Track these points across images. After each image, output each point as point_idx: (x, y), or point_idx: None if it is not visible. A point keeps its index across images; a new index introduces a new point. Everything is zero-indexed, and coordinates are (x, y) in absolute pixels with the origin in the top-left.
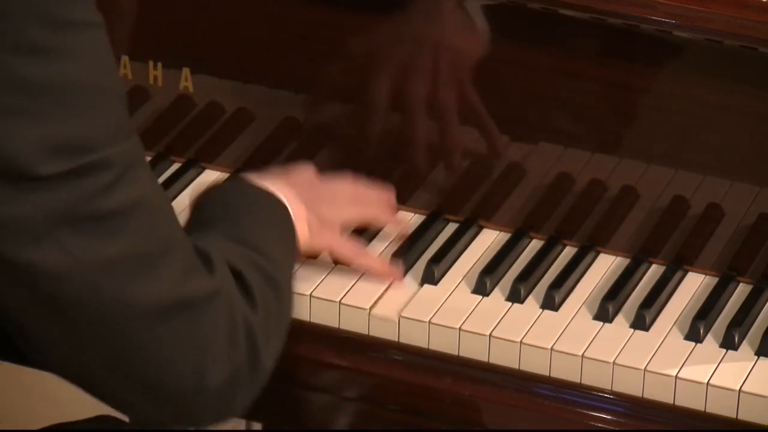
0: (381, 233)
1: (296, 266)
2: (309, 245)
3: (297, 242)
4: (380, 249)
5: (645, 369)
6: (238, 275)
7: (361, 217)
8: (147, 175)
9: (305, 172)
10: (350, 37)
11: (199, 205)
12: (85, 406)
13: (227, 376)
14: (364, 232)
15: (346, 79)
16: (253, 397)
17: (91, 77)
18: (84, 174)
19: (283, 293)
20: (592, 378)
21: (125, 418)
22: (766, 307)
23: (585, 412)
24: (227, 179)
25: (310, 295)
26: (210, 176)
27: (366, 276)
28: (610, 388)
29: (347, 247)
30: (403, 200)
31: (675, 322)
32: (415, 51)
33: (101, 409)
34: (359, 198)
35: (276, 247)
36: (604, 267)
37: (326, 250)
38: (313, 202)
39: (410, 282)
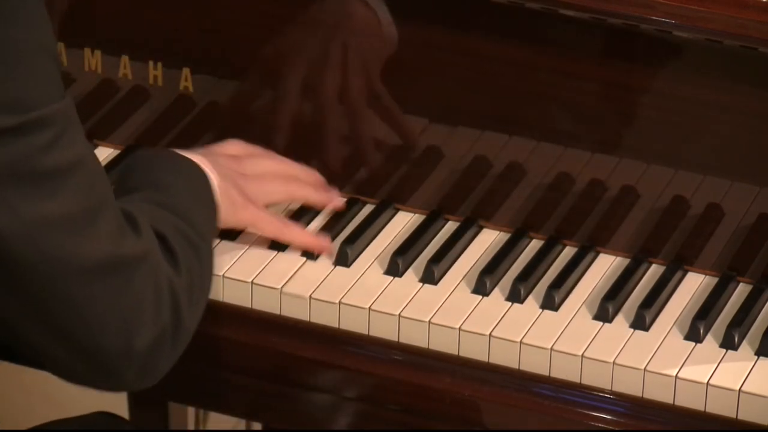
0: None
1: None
2: (232, 219)
3: (218, 213)
4: (314, 226)
5: (645, 369)
6: (162, 239)
7: (287, 194)
8: (82, 135)
9: (232, 148)
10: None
11: (125, 170)
12: (85, 406)
13: (153, 339)
14: (306, 213)
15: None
16: (174, 361)
17: (30, 38)
18: (25, 132)
19: (205, 259)
20: (592, 378)
21: (122, 413)
22: (766, 307)
23: (585, 412)
24: (153, 149)
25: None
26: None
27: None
28: (610, 388)
29: (271, 222)
30: (403, 200)
31: (675, 322)
32: (322, 43)
33: (100, 409)
34: (286, 174)
35: (198, 215)
36: (604, 267)
37: (250, 224)
38: (237, 176)
39: (410, 281)
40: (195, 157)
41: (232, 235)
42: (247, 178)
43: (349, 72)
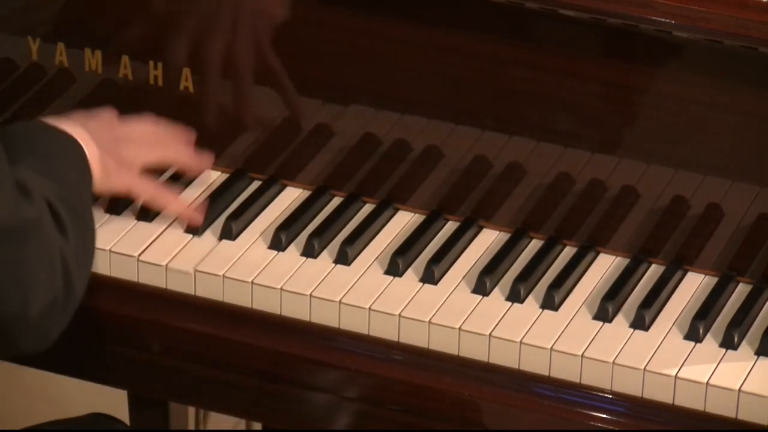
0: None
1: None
2: (107, 185)
3: (93, 181)
4: (193, 196)
5: (645, 369)
6: (49, 206)
7: (162, 158)
8: None
9: (104, 115)
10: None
11: (3, 142)
12: (85, 406)
13: (47, 304)
14: (180, 179)
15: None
16: (65, 325)
17: None
18: None
19: (88, 225)
20: (592, 378)
21: (119, 416)
22: (765, 307)
23: (585, 412)
24: (28, 121)
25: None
26: (210, 176)
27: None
28: (610, 388)
29: (147, 188)
30: (403, 200)
31: (675, 322)
32: (216, 12)
33: (99, 409)
34: (159, 139)
35: (78, 183)
36: (604, 267)
37: (125, 190)
38: (110, 143)
39: (410, 281)
40: (68, 125)
41: (231, 235)
42: (120, 143)
43: (238, 39)
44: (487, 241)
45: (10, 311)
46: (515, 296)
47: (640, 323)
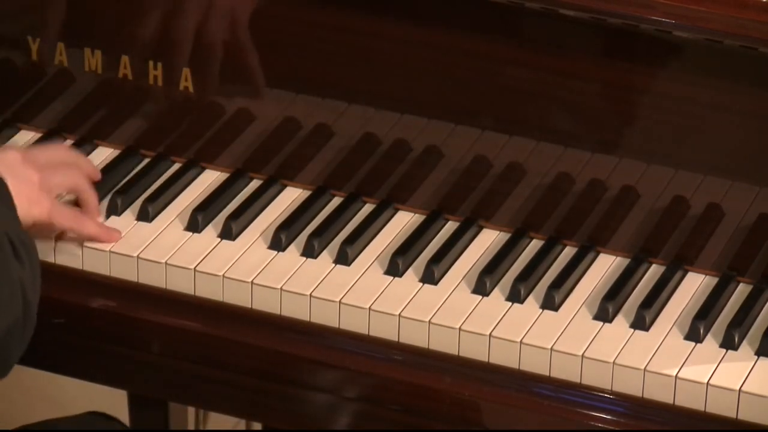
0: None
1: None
2: (29, 215)
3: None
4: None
5: (645, 369)
6: (6, 235)
7: (72, 181)
8: None
9: (12, 151)
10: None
11: None
12: (85, 406)
13: (7, 331)
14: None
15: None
16: (23, 350)
17: None
18: None
19: (34, 254)
20: (592, 378)
21: (119, 416)
22: (766, 307)
23: (585, 412)
24: None
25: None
26: (210, 176)
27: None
28: (610, 388)
29: (65, 214)
30: (403, 200)
31: (675, 322)
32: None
33: (99, 409)
34: (70, 161)
35: (14, 215)
36: (604, 267)
37: (45, 218)
38: (28, 171)
39: (410, 281)
40: None
41: (231, 235)
42: (32, 171)
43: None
44: (487, 241)
45: None
46: (515, 296)
47: (641, 323)
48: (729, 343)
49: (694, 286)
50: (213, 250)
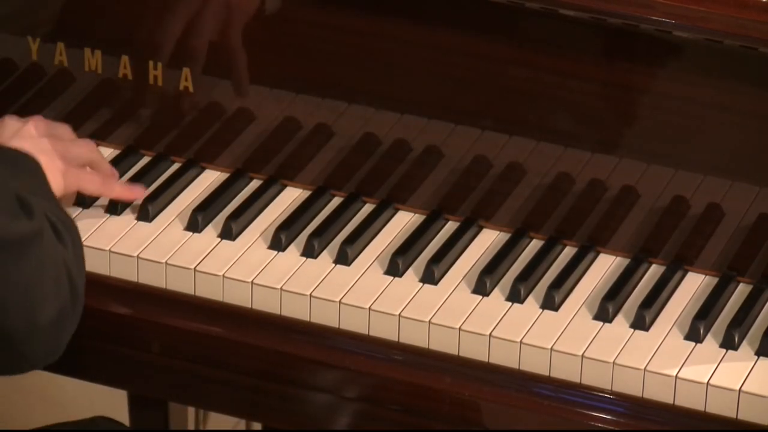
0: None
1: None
2: (62, 187)
3: (51, 189)
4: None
5: (645, 369)
6: (47, 218)
7: (90, 154)
8: None
9: (33, 123)
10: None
11: None
12: (85, 406)
13: (56, 314)
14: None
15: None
16: (73, 331)
17: None
18: None
19: (76, 232)
20: (592, 378)
21: (119, 417)
22: (766, 307)
23: (585, 412)
24: None
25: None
26: (210, 176)
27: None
28: (610, 388)
29: (93, 180)
30: (403, 200)
31: (675, 322)
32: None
33: (99, 409)
34: (81, 139)
35: (52, 194)
36: (604, 267)
37: (74, 187)
38: (54, 145)
39: (410, 281)
40: (16, 144)
41: (231, 235)
42: (59, 144)
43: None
44: (487, 241)
45: (17, 325)
46: (515, 296)
47: (641, 323)
48: (729, 343)
49: (694, 286)
50: (213, 250)
